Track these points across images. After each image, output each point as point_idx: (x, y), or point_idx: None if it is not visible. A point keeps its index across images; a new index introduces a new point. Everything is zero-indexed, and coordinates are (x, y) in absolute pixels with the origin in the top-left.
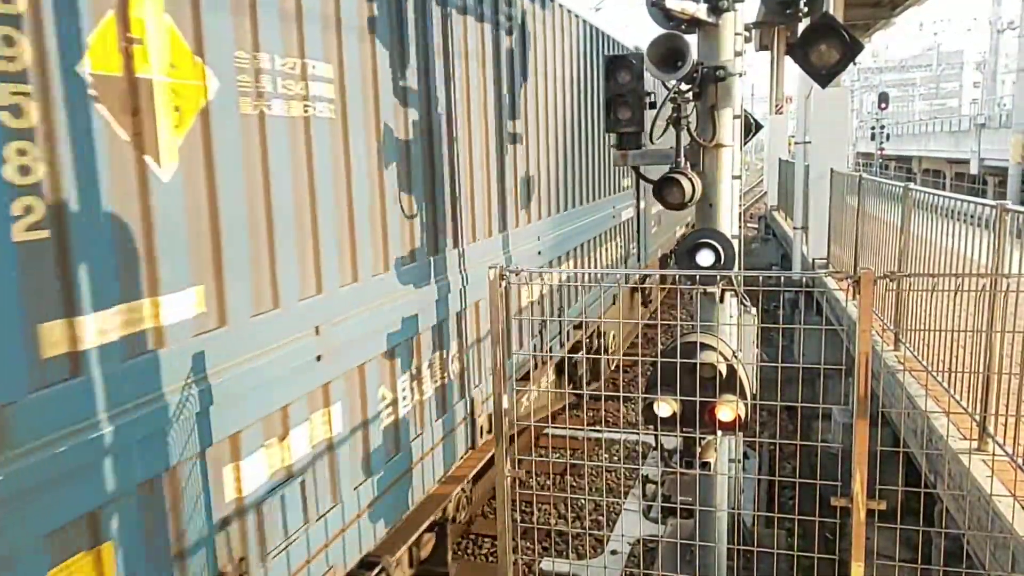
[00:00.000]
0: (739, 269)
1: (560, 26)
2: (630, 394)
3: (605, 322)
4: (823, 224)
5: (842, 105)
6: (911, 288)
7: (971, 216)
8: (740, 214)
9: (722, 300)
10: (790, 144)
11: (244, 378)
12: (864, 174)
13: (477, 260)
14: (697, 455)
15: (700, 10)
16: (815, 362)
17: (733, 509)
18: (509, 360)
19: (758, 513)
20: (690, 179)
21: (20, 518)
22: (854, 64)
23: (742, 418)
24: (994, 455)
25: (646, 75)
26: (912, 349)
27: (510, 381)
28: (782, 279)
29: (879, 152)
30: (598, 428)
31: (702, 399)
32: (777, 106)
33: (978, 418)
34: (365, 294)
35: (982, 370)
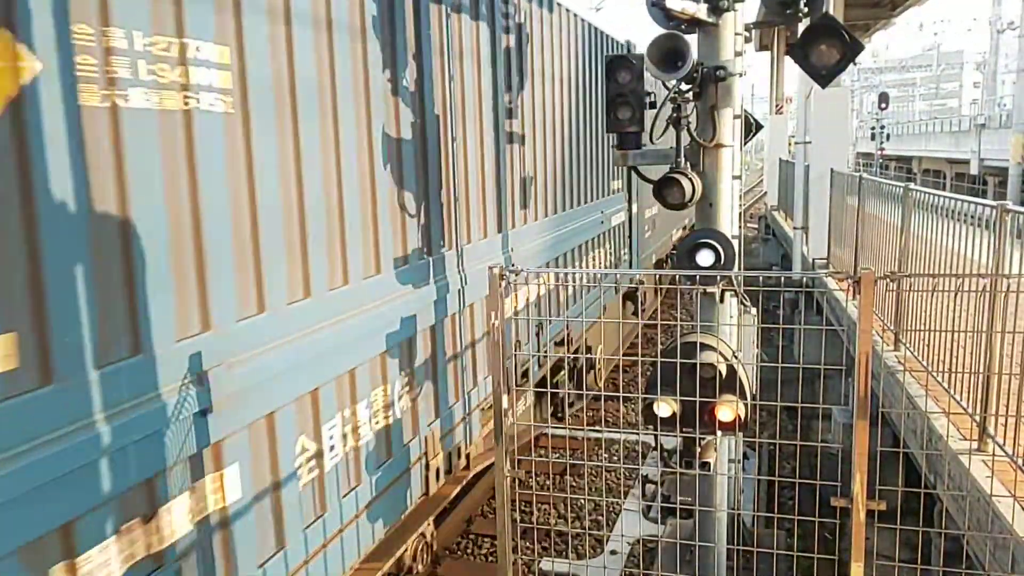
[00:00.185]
0: (739, 269)
1: (546, 19)
2: (630, 394)
3: (601, 322)
4: (823, 224)
5: (842, 105)
6: (911, 288)
7: (971, 216)
8: (740, 214)
9: (722, 300)
10: (790, 144)
11: (80, 449)
12: (864, 174)
13: (441, 278)
14: (697, 455)
15: (700, 10)
16: (815, 362)
17: (733, 509)
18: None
19: (758, 513)
20: (690, 179)
21: None
22: (854, 64)
23: (742, 418)
24: (994, 455)
25: (646, 75)
26: (912, 349)
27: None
28: (782, 279)
29: (879, 152)
30: (598, 428)
31: (702, 399)
32: (777, 106)
33: (978, 418)
34: (275, 325)
35: (982, 370)
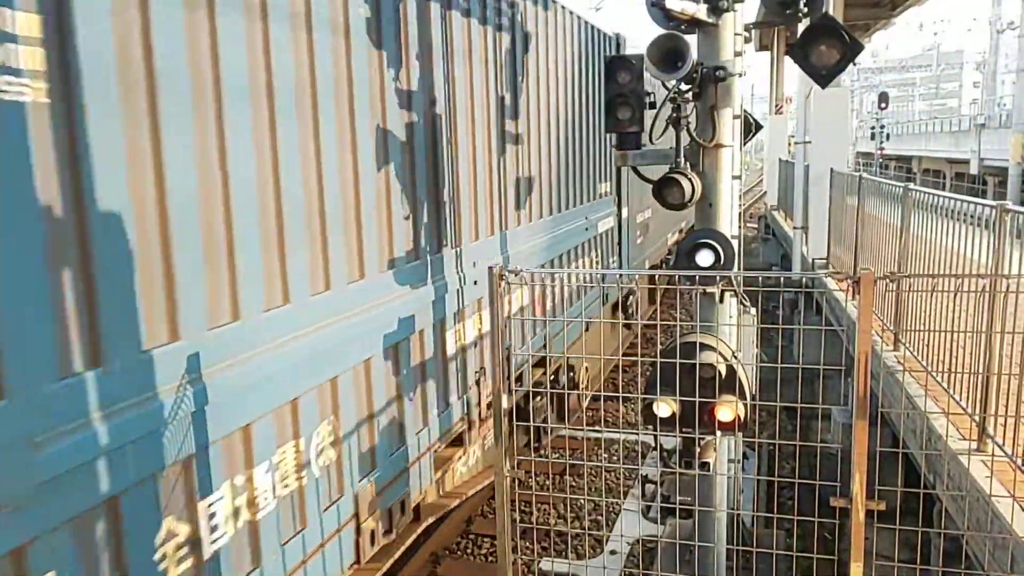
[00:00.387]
0: (739, 269)
1: (530, 10)
2: (629, 394)
3: (603, 333)
4: (823, 224)
5: (842, 105)
6: (911, 288)
7: (971, 216)
8: (740, 214)
9: (722, 300)
10: (790, 144)
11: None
12: (864, 174)
13: (361, 312)
14: (696, 455)
15: (700, 10)
16: (815, 362)
17: (732, 509)
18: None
19: (757, 513)
20: (690, 179)
21: None
22: (854, 64)
23: (741, 418)
24: (993, 456)
25: (646, 75)
26: (912, 349)
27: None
28: (781, 279)
29: (879, 152)
30: (597, 428)
31: (701, 399)
32: (777, 106)
33: (977, 419)
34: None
35: (982, 370)
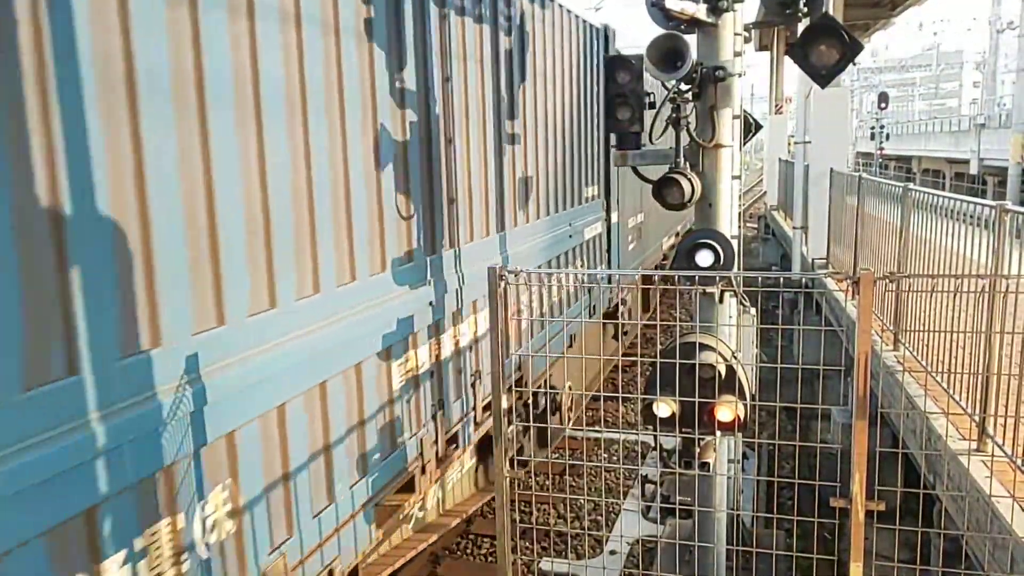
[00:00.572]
0: (738, 269)
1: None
2: (629, 394)
3: (586, 351)
4: (823, 224)
5: (842, 105)
6: (910, 288)
7: (971, 216)
8: (739, 214)
9: (721, 300)
10: (790, 144)
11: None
12: (864, 174)
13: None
14: (696, 455)
15: (700, 10)
16: (814, 362)
17: (732, 509)
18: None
19: (757, 513)
20: (689, 179)
21: None
22: (854, 64)
23: (741, 418)
24: (993, 456)
25: (646, 75)
26: (911, 349)
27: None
28: (781, 279)
29: (879, 152)
30: (597, 428)
31: (701, 399)
32: (777, 106)
33: (977, 419)
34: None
35: (981, 371)
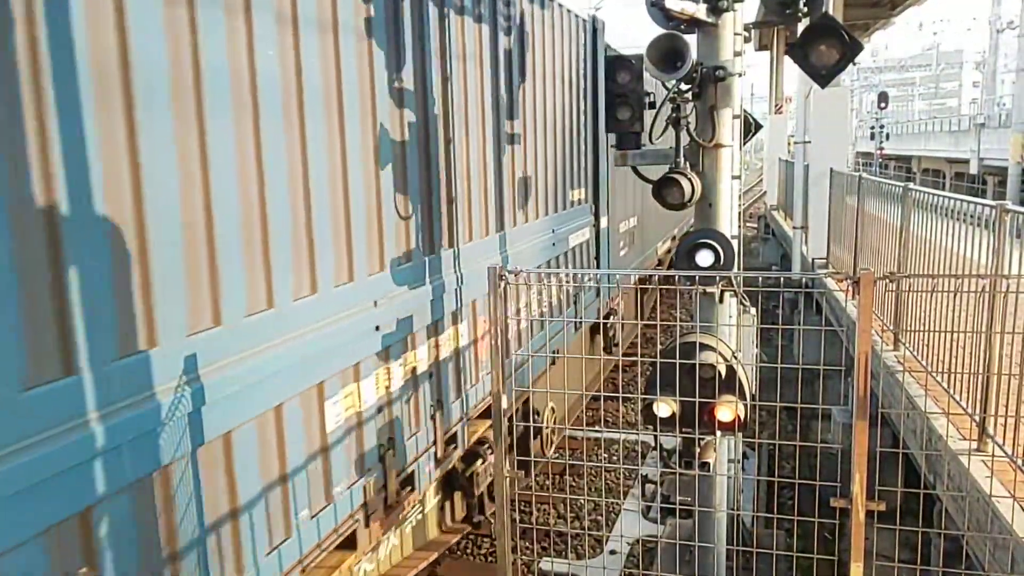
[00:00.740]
0: (738, 269)
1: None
2: (629, 394)
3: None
4: (823, 224)
5: (842, 105)
6: (911, 288)
7: (971, 216)
8: (740, 214)
9: (721, 300)
10: (790, 144)
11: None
12: (864, 174)
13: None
14: (696, 455)
15: (700, 10)
16: (814, 362)
17: (732, 509)
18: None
19: (757, 513)
20: (689, 179)
21: None
22: (854, 64)
23: (741, 418)
24: (993, 456)
25: (646, 75)
26: (912, 349)
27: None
28: (781, 279)
29: (879, 152)
30: (597, 428)
31: (701, 399)
32: (777, 106)
33: (978, 419)
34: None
35: (982, 370)
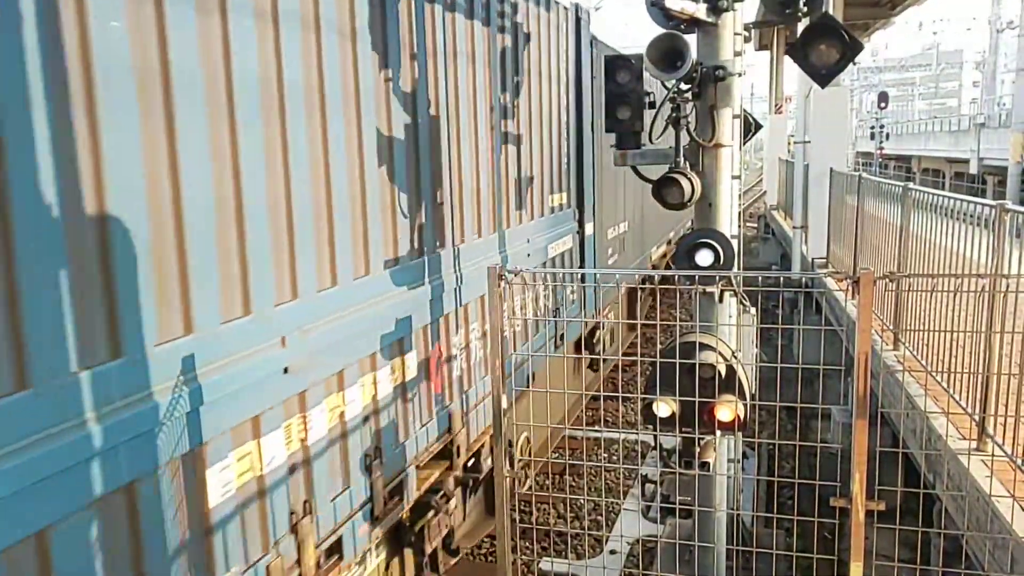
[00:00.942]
0: (738, 269)
1: None
2: (629, 394)
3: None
4: (822, 224)
5: (842, 104)
6: (910, 288)
7: (971, 216)
8: (739, 214)
9: (721, 300)
10: (789, 143)
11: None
12: (863, 174)
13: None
14: (696, 455)
15: (700, 10)
16: (814, 362)
17: (732, 509)
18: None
19: (757, 513)
20: (689, 179)
21: None
22: (853, 63)
23: (741, 418)
24: (993, 455)
25: (645, 75)
26: (911, 349)
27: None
28: (781, 279)
29: (879, 152)
30: (597, 428)
31: (701, 399)
32: (777, 105)
33: (977, 418)
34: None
35: (981, 370)
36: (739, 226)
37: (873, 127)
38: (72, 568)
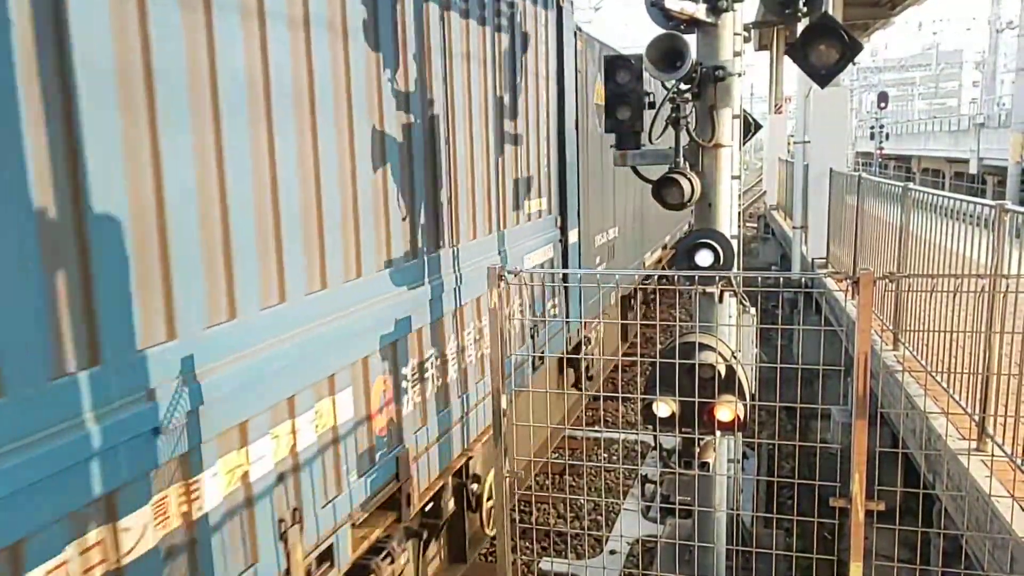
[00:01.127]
0: (738, 269)
1: None
2: (629, 394)
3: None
4: (822, 224)
5: (841, 104)
6: (910, 288)
7: (970, 216)
8: (739, 214)
9: (721, 300)
10: (789, 144)
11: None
12: (863, 174)
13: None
14: (696, 455)
15: (699, 10)
16: (814, 362)
17: (732, 509)
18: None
19: (757, 513)
20: (689, 179)
21: None
22: (853, 63)
23: (741, 418)
24: (993, 455)
25: (645, 75)
26: (911, 349)
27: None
28: (781, 279)
29: (878, 152)
30: (597, 428)
31: (701, 399)
32: (776, 106)
33: (977, 418)
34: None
35: (981, 370)
36: (739, 226)
37: (873, 127)
38: None
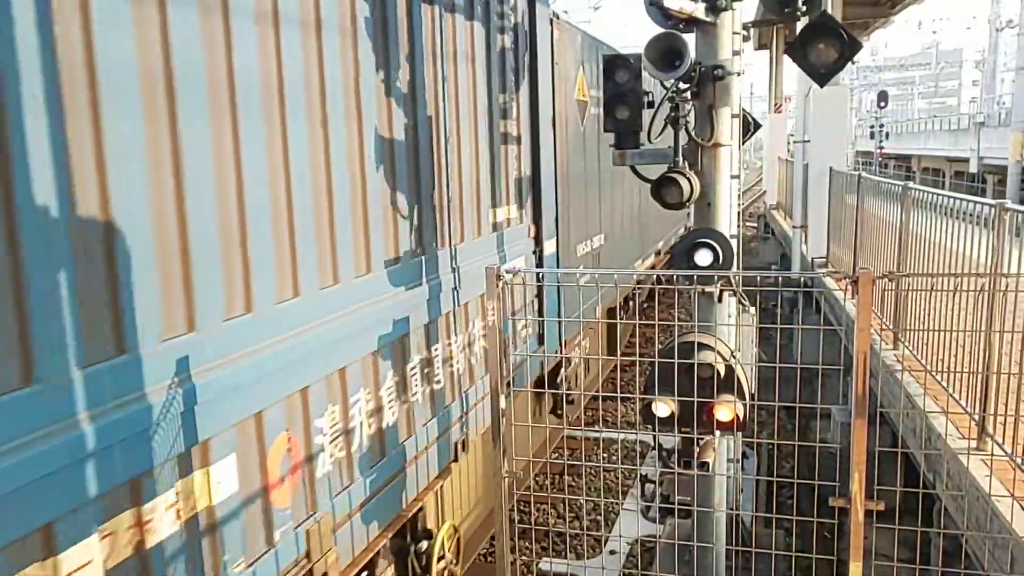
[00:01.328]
0: (738, 269)
1: None
2: (629, 394)
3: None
4: (822, 223)
5: (841, 104)
6: (910, 287)
7: (970, 215)
8: (739, 213)
9: (720, 300)
10: (789, 143)
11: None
12: (863, 173)
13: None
14: (695, 455)
15: (698, 9)
16: (814, 361)
17: (731, 509)
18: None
19: (756, 513)
20: (688, 179)
21: None
22: (853, 63)
23: (740, 418)
24: (993, 455)
25: (644, 74)
26: (911, 348)
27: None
28: (780, 279)
29: (878, 151)
30: (597, 428)
31: (700, 399)
32: (776, 105)
33: (977, 418)
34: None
35: (981, 369)
36: (738, 226)
37: (873, 126)
38: None
